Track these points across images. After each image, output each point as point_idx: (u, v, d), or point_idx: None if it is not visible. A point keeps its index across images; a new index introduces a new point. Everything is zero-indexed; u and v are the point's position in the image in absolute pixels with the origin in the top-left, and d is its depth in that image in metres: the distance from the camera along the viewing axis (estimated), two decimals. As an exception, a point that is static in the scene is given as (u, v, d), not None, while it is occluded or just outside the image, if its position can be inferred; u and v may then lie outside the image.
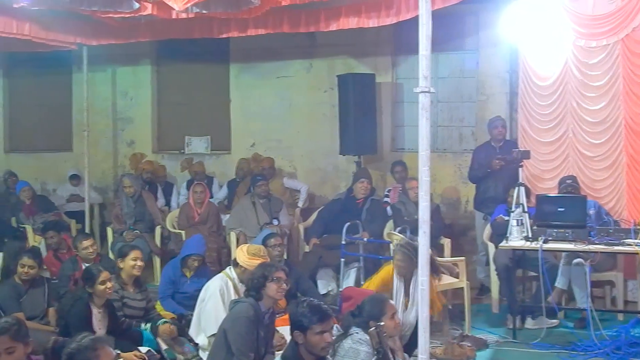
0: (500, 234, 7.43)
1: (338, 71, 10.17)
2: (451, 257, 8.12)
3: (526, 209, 7.13)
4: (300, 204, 10.06)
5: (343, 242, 7.94)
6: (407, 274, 6.12)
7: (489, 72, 9.66)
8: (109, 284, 6.02)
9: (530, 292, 7.95)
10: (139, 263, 6.54)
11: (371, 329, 4.64)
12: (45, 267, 7.66)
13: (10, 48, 10.05)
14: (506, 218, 7.40)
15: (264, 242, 7.07)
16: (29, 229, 9.73)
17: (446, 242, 8.43)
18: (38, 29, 8.57)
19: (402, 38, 9.94)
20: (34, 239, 9.40)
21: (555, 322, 7.31)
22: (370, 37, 9.86)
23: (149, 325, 6.43)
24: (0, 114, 12.41)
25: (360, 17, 8.04)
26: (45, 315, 6.69)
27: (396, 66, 10.33)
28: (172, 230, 9.55)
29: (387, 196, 9.22)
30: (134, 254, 6.55)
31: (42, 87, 12.20)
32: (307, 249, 8.91)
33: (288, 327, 4.78)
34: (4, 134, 12.44)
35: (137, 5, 7.27)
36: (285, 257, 7.65)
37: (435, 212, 7.89)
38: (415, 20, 4.43)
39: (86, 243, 7.45)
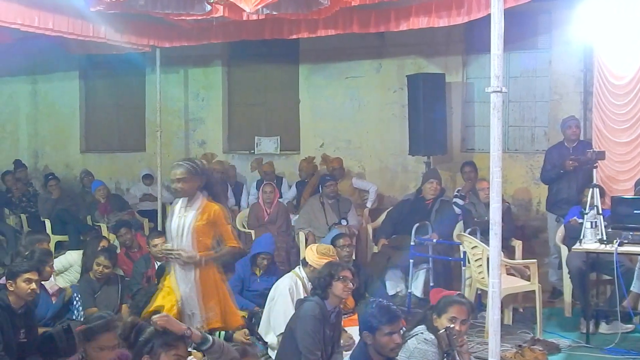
0: (573, 236, 7.27)
1: (408, 71, 10.12)
2: (522, 259, 8.00)
3: (600, 211, 6.95)
4: (369, 205, 10.04)
5: (412, 243, 7.89)
6: None
7: (562, 71, 9.46)
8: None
9: (605, 296, 7.77)
10: None
11: (441, 331, 4.60)
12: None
13: (87, 50, 10.32)
14: (580, 220, 7.24)
15: (333, 242, 7.09)
16: (103, 228, 9.98)
17: (517, 244, 8.29)
18: (113, 32, 8.76)
19: (473, 37, 9.83)
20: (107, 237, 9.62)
21: (630, 327, 7.09)
22: (441, 37, 9.79)
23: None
24: (77, 115, 12.75)
25: (430, 16, 7.97)
26: (119, 312, 6.84)
27: (467, 65, 10.21)
28: (241, 229, 9.65)
29: (457, 197, 9.10)
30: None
31: (116, 89, 12.50)
32: (375, 249, 8.88)
33: (356, 328, 4.79)
34: (79, 135, 12.79)
35: (208, 7, 7.37)
36: (354, 257, 7.65)
37: (506, 213, 7.76)
38: (486, 19, 4.37)
39: (157, 241, 7.59)
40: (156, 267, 7.51)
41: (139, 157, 12.08)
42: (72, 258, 7.89)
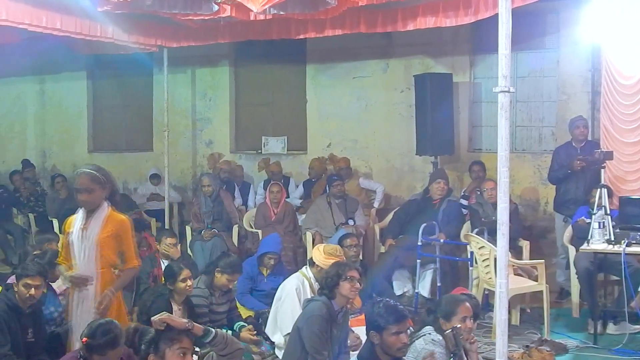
0: (581, 236, 7.25)
1: (415, 71, 10.10)
2: (530, 259, 7.98)
3: (608, 211, 6.94)
4: (376, 205, 10.03)
5: (419, 243, 7.88)
6: None
7: (570, 71, 9.42)
8: (189, 282, 6.11)
9: (612, 297, 7.75)
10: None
11: (447, 331, 4.60)
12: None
13: (95, 51, 10.34)
14: (588, 220, 7.22)
15: (340, 242, 7.10)
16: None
17: (525, 245, 8.27)
18: (121, 32, 8.78)
19: (480, 37, 9.81)
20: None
21: (638, 327, 7.06)
22: (448, 37, 9.77)
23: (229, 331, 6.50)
24: (85, 115, 12.79)
25: (437, 16, 7.96)
26: (133, 313, 6.81)
27: (474, 65, 10.19)
28: (249, 229, 9.66)
29: (463, 197, 9.09)
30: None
31: (124, 89, 12.52)
32: (382, 249, 8.88)
33: (363, 328, 4.78)
34: (87, 135, 12.82)
35: (216, 7, 7.38)
36: (361, 257, 7.65)
37: (513, 213, 7.74)
38: (494, 19, 4.37)
39: (166, 240, 7.61)
40: (162, 266, 7.53)
41: (146, 157, 12.09)
42: None
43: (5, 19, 7.41)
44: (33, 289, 5.61)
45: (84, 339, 4.39)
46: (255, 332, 6.40)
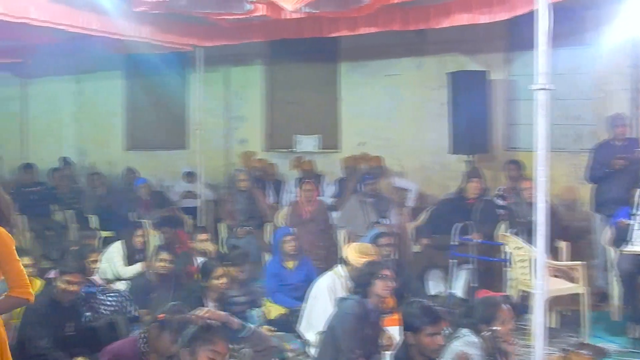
0: (621, 238, 7.11)
1: (449, 68, 10.02)
2: (569, 260, 7.86)
3: (651, 212, 6.82)
4: (409, 204, 9.98)
5: (453, 243, 7.82)
6: None
7: (608, 68, 9.27)
8: (223, 280, 6.15)
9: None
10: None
11: (486, 333, 4.55)
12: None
13: (130, 50, 10.40)
14: (628, 221, 7.08)
15: (374, 241, 7.09)
16: (146, 224, 10.06)
17: (563, 245, 8.15)
18: (156, 32, 8.83)
19: (516, 33, 9.67)
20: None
21: (681, 332, 6.95)
22: (483, 33, 9.65)
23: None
24: (120, 114, 12.91)
25: (472, 12, 7.86)
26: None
27: (510, 62, 10.08)
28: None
29: (498, 196, 8.99)
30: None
31: (158, 88, 12.59)
32: (416, 249, 8.83)
33: (397, 327, 4.76)
34: (122, 133, 12.94)
35: (249, 6, 7.39)
36: (394, 256, 7.62)
37: (550, 213, 7.65)
38: (531, 15, 4.30)
39: (200, 237, 7.66)
40: (195, 264, 7.59)
41: (180, 155, 12.16)
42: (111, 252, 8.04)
43: (43, 19, 7.50)
44: (72, 284, 5.74)
45: (161, 315, 4.62)
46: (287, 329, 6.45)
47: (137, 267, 7.79)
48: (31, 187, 11.47)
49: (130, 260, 8.04)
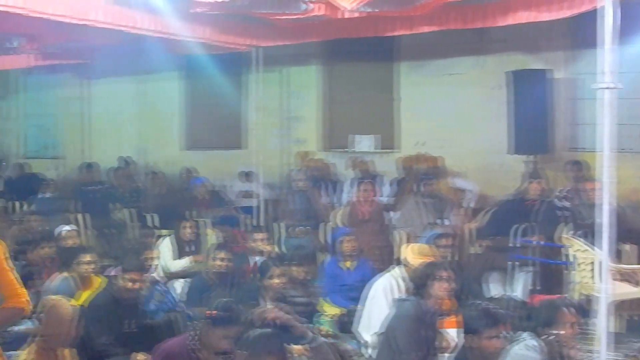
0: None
1: (509, 67, 9.89)
2: (634, 264, 7.64)
3: None
4: (468, 204, 9.87)
5: (513, 245, 7.69)
6: None
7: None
8: (279, 280, 6.17)
9: None
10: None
11: (548, 337, 4.46)
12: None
13: (188, 51, 10.49)
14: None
15: (432, 242, 7.03)
16: (203, 223, 10.15)
17: (628, 248, 7.94)
18: (214, 32, 8.90)
19: (578, 31, 9.48)
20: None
21: None
22: (544, 31, 9.49)
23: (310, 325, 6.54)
24: (178, 114, 13.06)
25: (532, 10, 7.72)
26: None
27: (573, 61, 9.88)
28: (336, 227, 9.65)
29: (560, 197, 8.81)
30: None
31: (216, 88, 12.69)
32: (475, 250, 8.72)
33: (455, 330, 4.71)
34: (181, 133, 13.09)
35: (307, 6, 7.39)
36: (453, 258, 7.54)
37: (614, 215, 7.47)
38: (594, 12, 4.20)
39: (257, 236, 7.69)
40: (251, 263, 7.64)
41: (238, 155, 12.23)
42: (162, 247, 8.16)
43: (104, 21, 7.63)
44: (134, 282, 5.83)
45: (214, 312, 4.70)
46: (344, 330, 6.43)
47: (185, 261, 7.87)
48: (92, 186, 11.71)
49: (180, 254, 8.15)
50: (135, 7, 7.68)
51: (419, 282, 5.40)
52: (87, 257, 7.00)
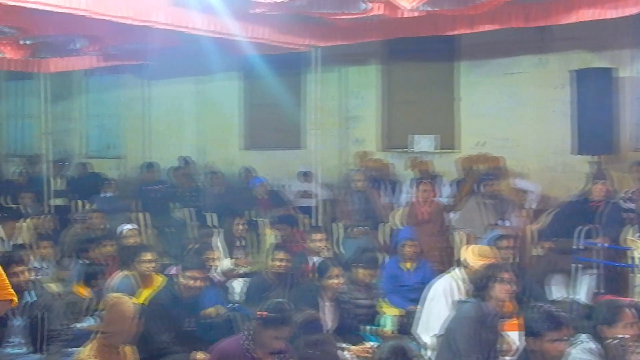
0: None
1: (573, 66, 9.70)
2: None
3: None
4: (530, 205, 9.70)
5: (576, 247, 7.54)
6: None
7: None
8: (338, 280, 6.16)
9: None
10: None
11: (612, 341, 4.34)
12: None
13: (247, 51, 10.56)
14: None
15: (494, 244, 6.95)
16: (262, 223, 10.20)
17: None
18: (273, 33, 8.93)
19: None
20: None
21: None
22: (609, 29, 9.26)
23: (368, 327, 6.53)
24: (237, 114, 13.16)
25: (597, 8, 7.55)
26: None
27: (638, 59, 9.63)
28: (397, 227, 9.60)
29: (625, 199, 8.60)
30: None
31: (275, 88, 12.75)
32: (537, 252, 8.57)
33: (517, 332, 4.65)
34: (240, 133, 13.18)
35: (366, 5, 7.36)
36: (514, 260, 7.43)
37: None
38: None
39: (316, 236, 7.69)
40: (310, 262, 7.64)
41: (297, 155, 12.28)
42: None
43: (165, 22, 7.72)
44: (195, 280, 5.89)
45: (264, 313, 4.76)
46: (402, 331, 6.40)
47: (228, 262, 7.92)
48: (153, 185, 11.90)
49: (230, 252, 8.21)
50: (195, 8, 7.76)
51: (480, 283, 5.34)
52: (148, 256, 7.10)
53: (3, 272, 4.19)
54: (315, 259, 7.71)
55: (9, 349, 5.60)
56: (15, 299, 4.25)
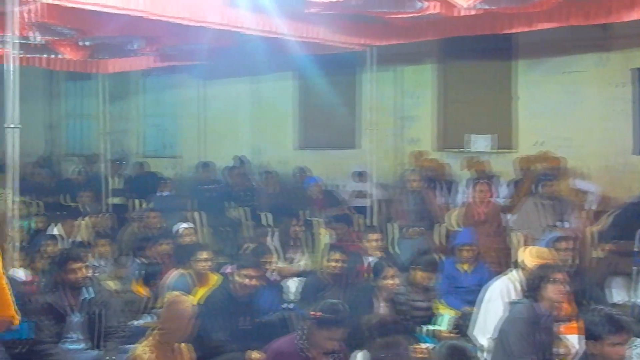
0: None
1: (634, 64, 9.54)
2: None
3: None
4: (590, 206, 9.51)
5: (638, 249, 7.36)
6: None
7: None
8: (393, 280, 6.14)
9: None
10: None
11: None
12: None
13: (303, 51, 10.58)
14: None
15: (552, 246, 6.84)
16: (317, 223, 10.21)
17: None
18: (328, 32, 8.93)
19: None
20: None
21: None
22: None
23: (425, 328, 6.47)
24: (292, 114, 13.20)
25: (661, 4, 7.37)
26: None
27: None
28: (453, 228, 9.51)
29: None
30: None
31: (330, 88, 12.75)
32: (597, 254, 8.40)
33: (576, 336, 4.56)
34: (295, 132, 13.23)
35: (422, 4, 7.30)
36: (574, 262, 7.29)
37: None
38: None
39: (371, 236, 7.67)
40: (365, 263, 7.62)
41: (351, 154, 12.25)
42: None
43: (220, 22, 7.79)
44: (250, 279, 5.92)
45: (318, 313, 4.78)
46: (459, 333, 6.33)
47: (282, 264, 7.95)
48: (208, 184, 12.02)
49: (284, 252, 8.23)
50: (250, 9, 7.81)
51: (532, 284, 5.28)
52: (204, 255, 7.17)
53: (8, 292, 4.16)
54: (370, 259, 7.68)
55: (67, 344, 5.70)
56: (16, 321, 4.19)
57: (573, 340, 5.49)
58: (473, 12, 7.52)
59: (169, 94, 14.63)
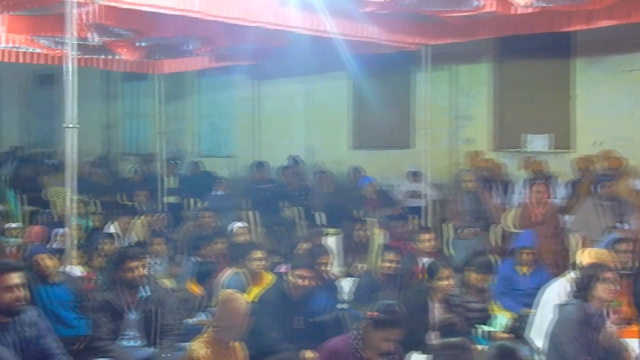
0: None
1: (698, 62, 9.24)
2: None
3: None
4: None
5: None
6: None
7: None
8: (448, 281, 6.10)
9: None
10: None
11: None
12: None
13: (356, 51, 10.54)
14: None
15: (612, 247, 6.71)
16: (371, 223, 10.18)
17: None
18: (383, 31, 8.89)
19: None
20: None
21: None
22: None
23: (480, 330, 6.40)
24: (346, 113, 13.19)
25: None
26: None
27: None
28: (509, 229, 9.38)
29: None
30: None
31: (384, 87, 12.71)
32: (659, 256, 8.19)
33: (637, 340, 4.45)
34: (349, 132, 13.21)
35: (478, 2, 7.22)
36: (634, 264, 7.13)
37: None
38: None
39: (425, 237, 7.61)
40: (419, 264, 7.57)
41: (406, 154, 12.18)
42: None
43: (275, 22, 7.83)
44: (303, 280, 5.93)
45: (375, 313, 4.77)
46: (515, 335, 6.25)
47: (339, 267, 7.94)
48: (262, 184, 12.09)
49: (346, 255, 8.20)
50: (304, 8, 7.82)
51: (582, 284, 5.19)
52: (258, 254, 7.20)
53: None
54: (425, 259, 7.62)
55: (124, 341, 5.78)
56: None
57: (633, 345, 5.36)
58: (530, 10, 7.40)
59: (224, 94, 14.75)
